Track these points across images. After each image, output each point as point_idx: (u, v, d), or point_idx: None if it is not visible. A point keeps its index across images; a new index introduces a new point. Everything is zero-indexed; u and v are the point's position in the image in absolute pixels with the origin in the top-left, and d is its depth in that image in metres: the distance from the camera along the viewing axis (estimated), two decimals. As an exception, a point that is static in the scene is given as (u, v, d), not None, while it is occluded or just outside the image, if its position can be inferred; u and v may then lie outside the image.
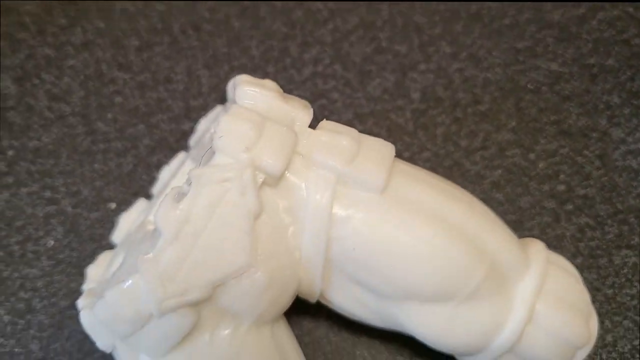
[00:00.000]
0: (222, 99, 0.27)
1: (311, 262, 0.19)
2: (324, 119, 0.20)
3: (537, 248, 0.20)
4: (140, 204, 0.23)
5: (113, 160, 0.26)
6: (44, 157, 0.26)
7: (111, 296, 0.17)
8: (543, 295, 0.20)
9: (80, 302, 0.19)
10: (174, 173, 0.22)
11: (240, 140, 0.17)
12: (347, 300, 0.20)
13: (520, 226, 0.26)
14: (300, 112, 0.19)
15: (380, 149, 0.19)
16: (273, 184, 0.18)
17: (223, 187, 0.17)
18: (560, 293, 0.20)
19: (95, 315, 0.17)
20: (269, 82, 0.19)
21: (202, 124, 0.23)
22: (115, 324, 0.17)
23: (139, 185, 0.25)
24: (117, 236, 0.23)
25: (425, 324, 0.19)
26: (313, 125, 0.19)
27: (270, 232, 0.18)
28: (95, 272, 0.21)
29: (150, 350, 0.18)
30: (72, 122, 0.26)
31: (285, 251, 0.18)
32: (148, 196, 0.24)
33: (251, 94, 0.18)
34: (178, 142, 0.26)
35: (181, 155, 0.23)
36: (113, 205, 0.25)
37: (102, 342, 0.18)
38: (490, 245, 0.19)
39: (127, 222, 0.22)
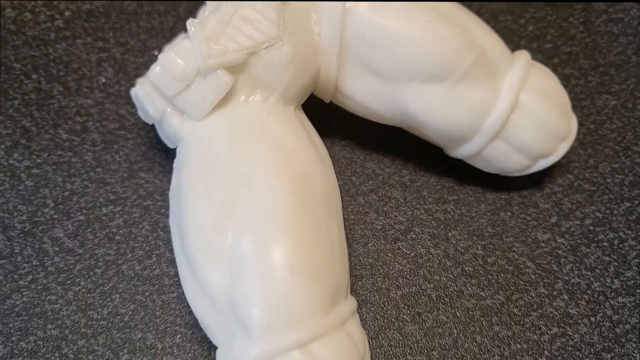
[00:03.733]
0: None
1: (329, 45, 0.22)
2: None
3: (522, 52, 0.24)
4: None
5: (156, 19, 0.30)
6: (96, 17, 0.30)
7: (164, 57, 0.21)
8: (527, 87, 0.23)
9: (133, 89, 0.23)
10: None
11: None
12: (359, 89, 0.23)
13: (512, 73, 0.29)
14: None
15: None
16: (297, -23, 0.22)
17: (257, -31, 0.21)
18: (543, 89, 0.23)
19: (149, 78, 0.21)
20: None
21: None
22: (166, 82, 0.21)
23: (178, 38, 0.29)
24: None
25: (425, 104, 0.22)
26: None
27: (296, 15, 0.21)
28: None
29: (194, 109, 0.21)
30: (120, -9, 0.31)
31: (308, 33, 0.22)
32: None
33: None
34: (212, 5, 0.30)
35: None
36: (156, 52, 0.29)
37: (154, 109, 0.22)
38: (480, 37, 0.23)
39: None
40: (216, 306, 0.19)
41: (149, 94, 0.22)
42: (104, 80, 0.28)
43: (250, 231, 0.19)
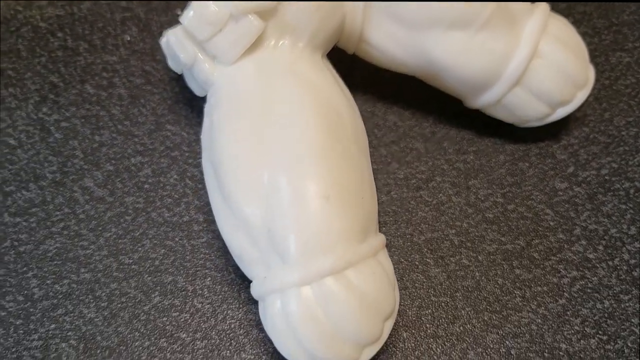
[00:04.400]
0: None
1: (355, -8, 0.23)
2: None
3: (541, 4, 0.24)
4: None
5: (178, -19, 0.30)
6: (119, -22, 0.30)
7: (197, 2, 0.21)
8: (546, 36, 0.24)
9: (163, 38, 0.23)
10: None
11: None
12: (383, 38, 0.24)
13: (528, 31, 0.30)
14: None
15: None
16: None
17: None
18: (562, 37, 0.24)
19: (182, 22, 0.22)
20: None
21: None
22: (199, 26, 0.21)
23: (200, -2, 0.30)
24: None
25: (449, 50, 0.23)
26: None
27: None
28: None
29: (226, 53, 0.22)
30: (142, -46, 0.31)
31: (334, -19, 0.22)
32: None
33: None
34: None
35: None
36: (179, 11, 0.29)
37: (186, 54, 0.22)
38: (501, -15, 0.23)
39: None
40: (252, 238, 0.20)
41: (181, 40, 0.22)
42: (128, 38, 0.29)
43: (285, 167, 0.20)
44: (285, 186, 0.19)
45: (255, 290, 0.20)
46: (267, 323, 0.20)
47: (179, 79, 0.28)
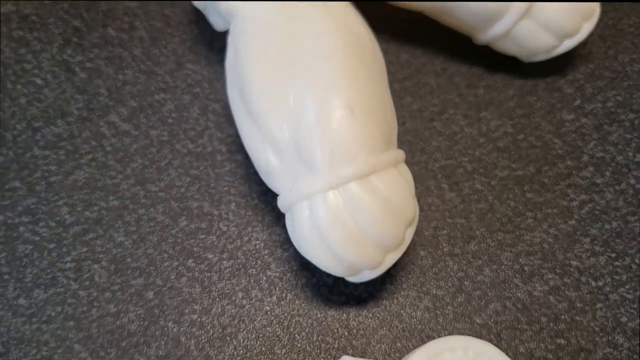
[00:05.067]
0: None
1: None
2: None
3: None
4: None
5: None
6: None
7: None
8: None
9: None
10: None
11: None
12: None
13: None
14: None
15: None
16: None
17: None
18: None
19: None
20: None
21: None
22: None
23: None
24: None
25: (461, -19, 0.24)
26: None
27: None
28: None
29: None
30: None
31: None
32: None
33: None
34: None
35: None
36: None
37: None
38: None
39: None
40: (279, 151, 0.21)
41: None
42: (148, -12, 0.30)
43: (310, 86, 0.21)
44: (311, 103, 0.20)
45: (282, 201, 0.21)
46: (294, 232, 0.21)
47: (198, 22, 0.28)
